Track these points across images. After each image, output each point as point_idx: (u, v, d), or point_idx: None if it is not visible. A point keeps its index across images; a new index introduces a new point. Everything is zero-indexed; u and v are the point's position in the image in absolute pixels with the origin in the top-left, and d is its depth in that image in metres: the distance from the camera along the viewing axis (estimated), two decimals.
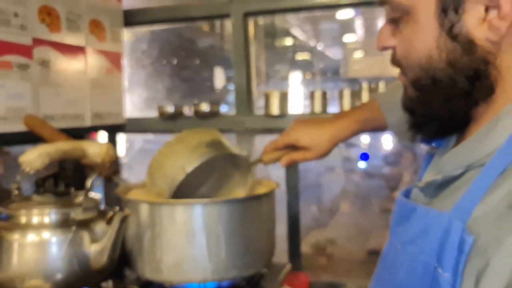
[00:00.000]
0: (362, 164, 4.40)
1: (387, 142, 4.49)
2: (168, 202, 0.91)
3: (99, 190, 1.23)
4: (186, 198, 0.91)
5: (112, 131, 1.52)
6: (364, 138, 4.32)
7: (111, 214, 0.92)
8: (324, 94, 1.41)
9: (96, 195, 0.97)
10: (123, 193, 1.01)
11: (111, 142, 1.53)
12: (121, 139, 1.77)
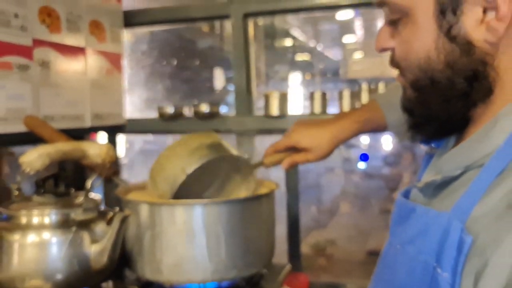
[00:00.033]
0: (361, 165, 4.41)
1: (387, 143, 4.50)
2: (168, 203, 0.92)
3: (99, 191, 1.24)
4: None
5: (112, 131, 1.52)
6: (364, 139, 4.32)
7: (111, 215, 0.92)
8: (323, 95, 1.41)
9: (96, 196, 0.97)
10: (123, 193, 1.01)
11: (111, 143, 1.53)
12: (121, 140, 1.77)
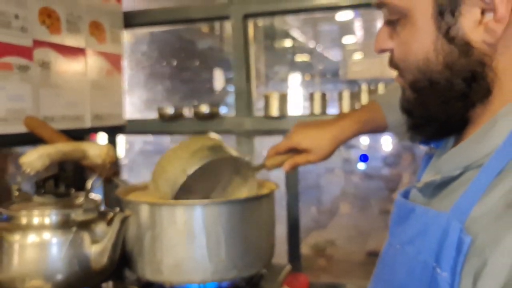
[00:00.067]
0: (361, 166, 4.41)
1: (387, 143, 4.50)
2: (169, 203, 0.92)
3: (99, 191, 1.24)
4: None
5: (112, 132, 1.52)
6: (364, 140, 4.32)
7: (111, 215, 0.92)
8: (323, 96, 1.42)
9: (96, 196, 0.97)
10: (123, 194, 1.01)
11: (111, 144, 1.53)
12: (121, 141, 1.77)
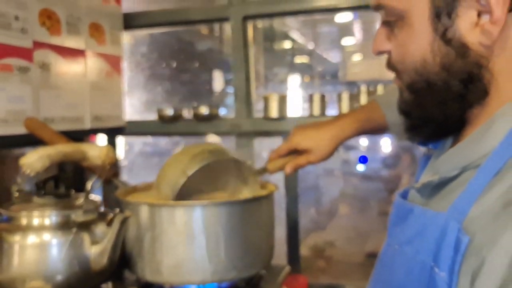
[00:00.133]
0: (360, 167, 4.40)
1: (386, 145, 4.50)
2: (168, 204, 0.92)
3: (98, 192, 1.24)
4: None
5: (111, 133, 1.53)
6: (363, 141, 4.32)
7: (111, 216, 0.92)
8: (322, 97, 1.42)
9: (96, 197, 0.98)
10: (123, 195, 1.01)
11: (111, 145, 1.53)
12: (120, 142, 1.77)
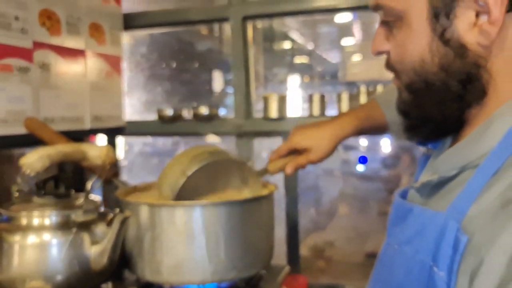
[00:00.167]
0: (360, 167, 4.41)
1: (385, 145, 4.50)
2: (168, 204, 0.92)
3: (98, 192, 1.24)
4: None
5: (111, 134, 1.53)
6: (363, 141, 4.33)
7: (111, 216, 0.93)
8: (322, 97, 1.42)
9: (96, 197, 0.98)
10: (123, 195, 1.02)
11: (111, 145, 1.53)
12: (120, 142, 1.77)
